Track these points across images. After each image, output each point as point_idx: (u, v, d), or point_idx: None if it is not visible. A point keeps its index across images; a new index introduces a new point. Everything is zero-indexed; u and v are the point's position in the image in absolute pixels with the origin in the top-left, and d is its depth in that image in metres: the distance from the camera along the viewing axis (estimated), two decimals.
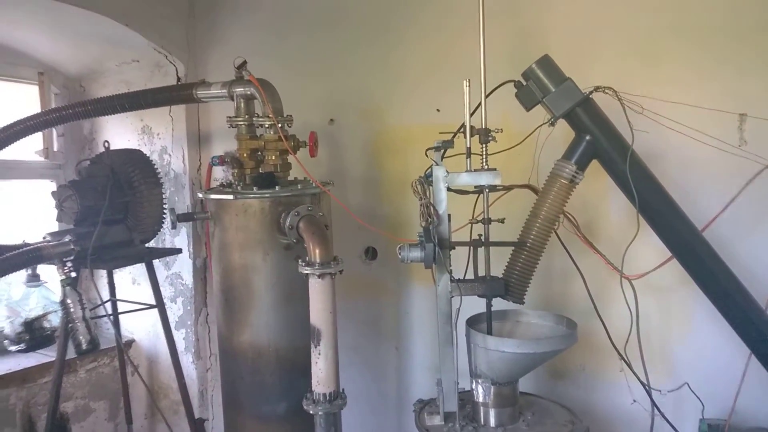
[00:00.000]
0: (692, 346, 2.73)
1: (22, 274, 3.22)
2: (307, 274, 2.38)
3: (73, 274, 2.75)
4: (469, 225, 2.40)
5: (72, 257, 2.74)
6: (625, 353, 2.49)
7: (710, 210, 2.48)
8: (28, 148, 3.76)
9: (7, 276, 2.68)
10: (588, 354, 2.88)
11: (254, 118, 2.80)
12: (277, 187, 2.67)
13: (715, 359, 2.66)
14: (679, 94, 2.52)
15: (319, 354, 2.39)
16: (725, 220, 2.46)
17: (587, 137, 2.29)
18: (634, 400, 2.82)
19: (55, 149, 3.91)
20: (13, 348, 3.38)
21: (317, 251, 2.39)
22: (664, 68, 2.66)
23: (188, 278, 3.81)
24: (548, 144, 2.46)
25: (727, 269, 2.33)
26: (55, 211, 3.02)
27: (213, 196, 2.74)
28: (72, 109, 3.12)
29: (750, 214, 2.53)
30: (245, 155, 2.81)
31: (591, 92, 2.27)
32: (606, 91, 2.27)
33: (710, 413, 2.58)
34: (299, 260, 2.42)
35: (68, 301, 2.70)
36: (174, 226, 2.89)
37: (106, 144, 3.23)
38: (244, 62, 2.76)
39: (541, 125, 2.39)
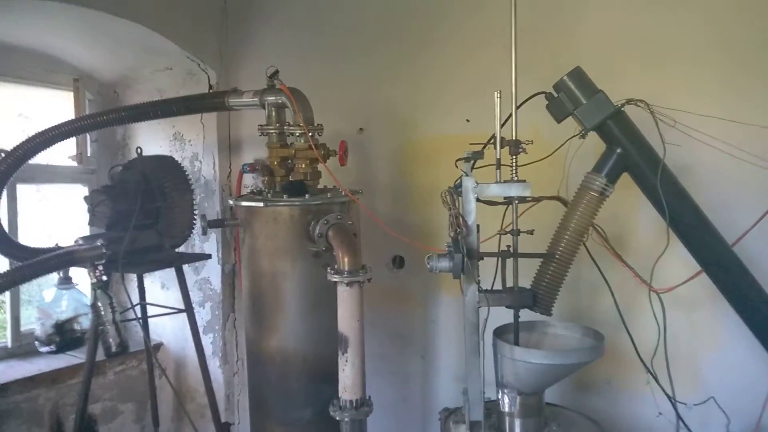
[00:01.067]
0: (719, 360, 2.71)
1: (54, 277, 3.28)
2: (336, 282, 2.41)
3: (105, 278, 2.79)
4: (498, 236, 2.40)
5: (103, 261, 2.78)
6: (652, 366, 2.47)
7: (741, 225, 2.45)
8: (62, 153, 3.85)
9: (39, 278, 2.74)
10: (614, 367, 2.87)
11: (285, 127, 2.85)
12: (306, 195, 2.70)
13: (742, 374, 2.64)
14: (711, 107, 2.50)
15: (346, 361, 2.41)
16: (756, 235, 2.44)
17: (618, 150, 2.28)
18: (660, 413, 2.80)
19: (89, 154, 3.99)
20: (44, 349, 3.44)
21: (346, 259, 2.41)
22: (697, 82, 2.66)
23: (217, 283, 3.87)
24: (578, 156, 2.45)
25: (756, 284, 2.30)
26: (87, 216, 3.08)
27: (243, 203, 2.78)
28: (106, 115, 3.17)
29: None
30: (276, 163, 2.85)
31: (623, 105, 2.27)
32: (638, 103, 2.27)
33: (736, 428, 2.55)
34: (328, 268, 2.45)
35: (99, 304, 2.74)
36: (204, 233, 2.94)
37: (139, 150, 3.29)
38: (276, 71, 2.81)
39: (572, 137, 2.39)
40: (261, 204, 2.69)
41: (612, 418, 2.81)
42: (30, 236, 3.58)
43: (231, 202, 2.94)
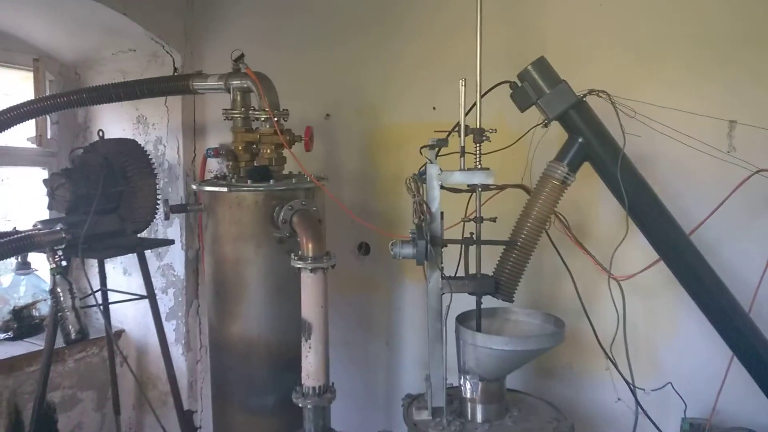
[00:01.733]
0: (677, 346, 2.77)
1: (11, 262, 3.21)
2: (300, 268, 2.40)
3: (64, 263, 2.74)
4: (462, 223, 2.42)
5: (63, 246, 2.73)
6: (611, 352, 2.53)
7: (698, 214, 2.51)
8: (21, 134, 3.75)
9: None
10: (575, 353, 2.92)
11: (250, 111, 2.82)
12: (271, 180, 2.68)
13: (699, 360, 2.70)
14: (671, 99, 2.55)
15: (310, 348, 2.41)
16: (712, 224, 2.49)
17: (580, 139, 2.31)
18: (619, 398, 2.86)
19: (49, 137, 3.89)
20: (1, 336, 3.38)
21: (310, 245, 2.41)
22: (657, 73, 2.70)
23: (180, 269, 3.82)
24: (542, 145, 2.48)
25: (712, 272, 2.36)
26: (47, 199, 3.01)
27: (207, 188, 2.75)
28: (67, 96, 3.10)
29: (736, 220, 2.57)
30: (240, 148, 2.82)
31: (585, 95, 2.30)
32: (600, 94, 2.30)
33: (692, 412, 2.61)
34: (292, 254, 2.44)
35: (58, 289, 2.68)
36: (167, 218, 2.89)
37: (101, 133, 3.21)
38: (242, 55, 2.77)
39: (535, 126, 2.42)
40: (225, 189, 2.67)
41: (572, 404, 2.86)
42: None
43: (194, 186, 2.90)
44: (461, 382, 2.38)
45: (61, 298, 2.69)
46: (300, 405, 2.42)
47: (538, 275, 2.89)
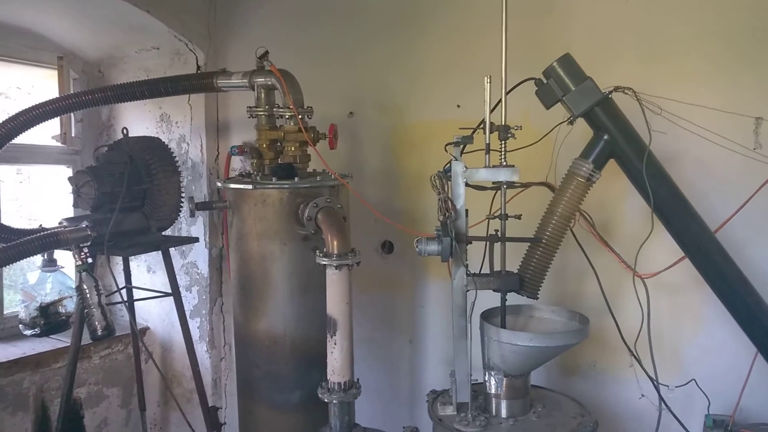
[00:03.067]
0: (701, 344, 2.77)
1: (38, 259, 3.25)
2: (325, 265, 2.42)
3: (90, 260, 2.77)
4: (486, 221, 2.43)
5: (89, 243, 2.75)
6: (635, 349, 2.52)
7: (724, 212, 2.50)
8: (46, 132, 3.79)
9: (22, 261, 2.71)
10: (599, 351, 2.92)
11: (274, 109, 2.84)
12: (296, 178, 2.70)
13: (723, 357, 2.69)
14: (697, 96, 2.54)
15: (335, 344, 2.43)
16: (738, 222, 2.48)
17: (605, 136, 2.31)
18: (643, 395, 2.86)
19: (73, 135, 3.92)
20: (28, 332, 3.41)
21: (335, 243, 2.42)
22: (683, 71, 2.68)
23: (204, 268, 3.85)
24: (567, 143, 2.48)
25: (737, 270, 2.36)
26: (72, 197, 3.04)
27: (232, 186, 2.77)
28: (92, 94, 3.12)
29: (763, 218, 2.56)
30: (265, 146, 2.84)
31: (611, 92, 2.30)
32: (625, 91, 2.30)
33: (716, 409, 2.61)
34: (317, 251, 2.46)
35: (84, 286, 2.72)
36: (192, 215, 2.92)
37: (125, 131, 3.25)
38: (266, 52, 2.79)
39: (560, 123, 2.42)
40: (250, 186, 2.69)
41: (596, 401, 2.86)
42: (11, 218, 3.54)
43: (219, 184, 2.92)
44: (486, 378, 2.38)
45: (87, 295, 2.73)
46: (326, 400, 2.44)
47: (562, 273, 2.89)
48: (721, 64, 2.62)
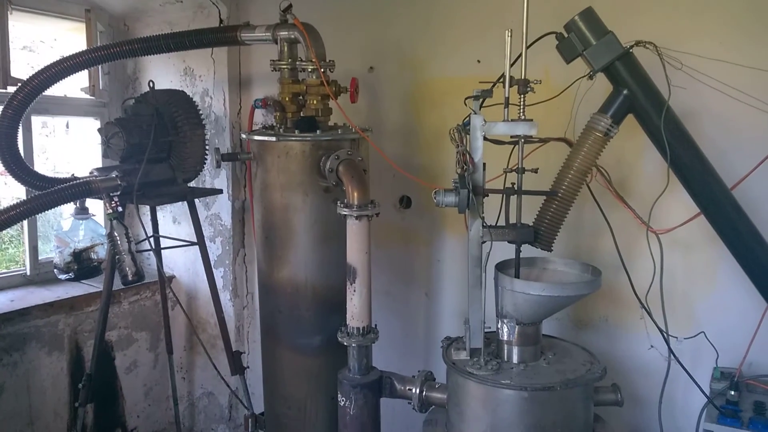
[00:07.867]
0: (713, 300, 2.80)
1: (70, 207, 3.37)
2: (345, 215, 2.50)
3: (120, 209, 2.86)
4: (504, 174, 2.46)
5: (119, 192, 2.85)
6: (646, 302, 2.58)
7: (742, 170, 2.50)
8: (74, 84, 3.87)
9: (56, 208, 2.80)
10: (612, 306, 2.98)
11: (297, 62, 2.87)
12: (318, 131, 2.76)
13: (734, 313, 2.73)
14: (719, 51, 2.53)
15: (354, 291, 2.53)
16: (755, 180, 2.49)
17: (625, 91, 2.32)
18: (652, 346, 2.92)
19: (101, 87, 4.01)
20: (63, 276, 3.56)
21: (355, 194, 2.49)
22: (705, 26, 2.66)
23: (227, 219, 3.96)
24: (587, 98, 2.49)
25: (752, 227, 2.38)
26: (101, 148, 3.13)
27: (256, 138, 2.84)
28: (120, 47, 3.16)
29: None
30: (287, 99, 2.88)
31: (632, 46, 2.30)
32: (647, 45, 2.30)
33: (724, 362, 2.67)
34: (338, 202, 2.53)
35: (115, 233, 2.82)
36: (218, 165, 3.00)
37: (151, 83, 3.31)
38: (290, 5, 2.81)
39: (580, 78, 2.42)
40: (273, 138, 2.75)
41: (606, 353, 2.91)
42: (40, 167, 3.65)
43: (244, 136, 2.99)
44: (499, 326, 2.45)
45: (118, 242, 2.83)
46: (345, 344, 2.56)
47: (577, 228, 2.93)
48: (744, 20, 2.59)
